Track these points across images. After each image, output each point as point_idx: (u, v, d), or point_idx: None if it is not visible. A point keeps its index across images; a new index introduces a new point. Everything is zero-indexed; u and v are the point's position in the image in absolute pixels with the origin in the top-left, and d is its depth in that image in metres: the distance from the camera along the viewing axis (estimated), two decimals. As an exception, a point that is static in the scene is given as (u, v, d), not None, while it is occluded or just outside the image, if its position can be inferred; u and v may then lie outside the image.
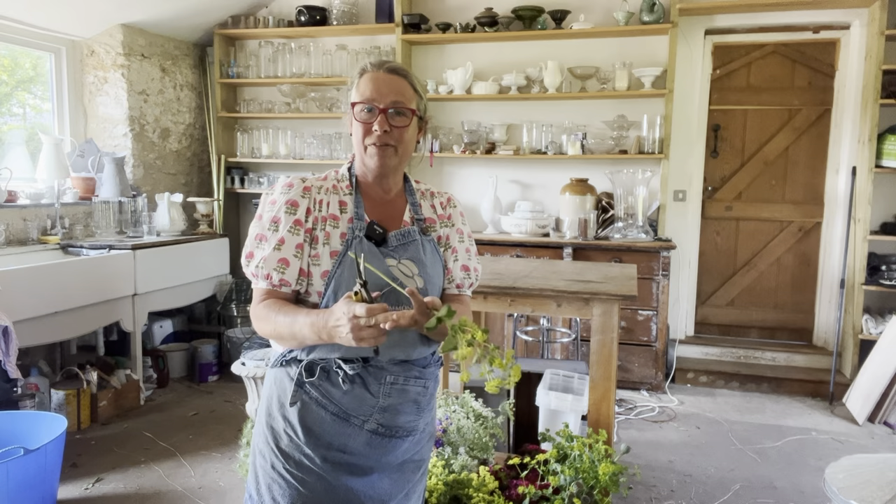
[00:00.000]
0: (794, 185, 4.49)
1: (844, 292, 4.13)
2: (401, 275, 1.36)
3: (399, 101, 1.36)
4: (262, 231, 1.35)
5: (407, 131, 1.38)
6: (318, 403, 1.34)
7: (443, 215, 1.50)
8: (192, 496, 2.80)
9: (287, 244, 1.33)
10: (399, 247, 1.39)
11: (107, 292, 3.56)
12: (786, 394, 4.19)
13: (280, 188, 1.38)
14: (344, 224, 1.37)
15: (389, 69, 1.38)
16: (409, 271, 1.38)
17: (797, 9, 4.17)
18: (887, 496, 1.95)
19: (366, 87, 1.36)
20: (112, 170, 4.12)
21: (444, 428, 2.50)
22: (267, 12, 5.01)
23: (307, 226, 1.34)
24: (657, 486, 2.94)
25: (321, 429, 1.34)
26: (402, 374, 1.37)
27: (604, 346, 2.46)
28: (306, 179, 1.39)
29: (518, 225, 4.36)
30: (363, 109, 1.36)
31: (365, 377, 1.34)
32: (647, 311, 4.10)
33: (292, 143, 5.02)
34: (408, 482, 1.46)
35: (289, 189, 1.37)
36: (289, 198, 1.35)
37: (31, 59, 4.28)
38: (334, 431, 1.34)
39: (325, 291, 1.32)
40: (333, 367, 1.34)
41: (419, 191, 1.51)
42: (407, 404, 1.39)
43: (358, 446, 1.36)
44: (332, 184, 1.41)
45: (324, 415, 1.34)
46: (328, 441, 1.35)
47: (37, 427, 2.76)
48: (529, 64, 4.53)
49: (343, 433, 1.35)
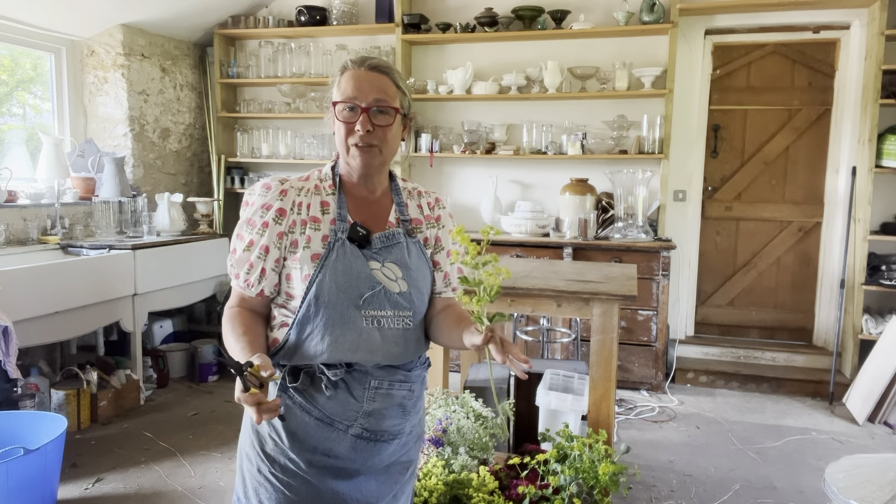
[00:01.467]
0: (794, 185, 4.49)
1: (844, 292, 4.13)
2: (384, 278, 1.33)
3: (382, 100, 1.31)
4: (239, 231, 1.36)
5: (390, 130, 1.34)
6: (301, 408, 1.33)
7: (430, 216, 1.46)
8: (192, 496, 2.80)
9: (255, 246, 1.32)
10: (383, 249, 1.35)
11: (107, 292, 3.56)
12: (786, 394, 4.19)
13: (258, 190, 1.36)
14: (326, 226, 1.33)
15: (371, 66, 1.33)
16: (393, 275, 1.35)
17: (797, 9, 4.17)
18: (887, 496, 1.95)
19: (347, 85, 1.32)
20: (112, 170, 4.12)
21: (444, 428, 2.50)
22: (267, 12, 5.01)
23: (280, 229, 1.32)
24: (657, 486, 2.94)
25: (305, 433, 1.33)
26: (387, 378, 1.35)
27: (604, 346, 2.46)
28: (285, 181, 1.36)
29: (518, 225, 4.36)
30: (345, 108, 1.32)
31: (349, 382, 1.32)
32: (647, 311, 4.10)
33: (292, 143, 5.02)
34: (395, 483, 1.44)
35: (266, 191, 1.34)
36: (264, 201, 1.33)
37: (31, 59, 4.28)
38: (319, 436, 1.33)
39: (306, 296, 1.30)
40: (317, 373, 1.32)
41: (406, 190, 1.46)
42: (392, 408, 1.37)
43: (343, 450, 1.34)
44: (314, 184, 1.38)
45: (307, 420, 1.33)
46: (313, 445, 1.33)
47: (37, 427, 2.76)
48: (529, 64, 4.53)
49: (327, 438, 1.33)
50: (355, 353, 1.30)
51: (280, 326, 1.35)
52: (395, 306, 1.34)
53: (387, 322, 1.33)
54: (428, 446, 2.45)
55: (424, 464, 2.38)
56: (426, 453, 2.44)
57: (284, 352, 1.33)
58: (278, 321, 1.36)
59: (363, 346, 1.31)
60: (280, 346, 1.33)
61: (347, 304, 1.30)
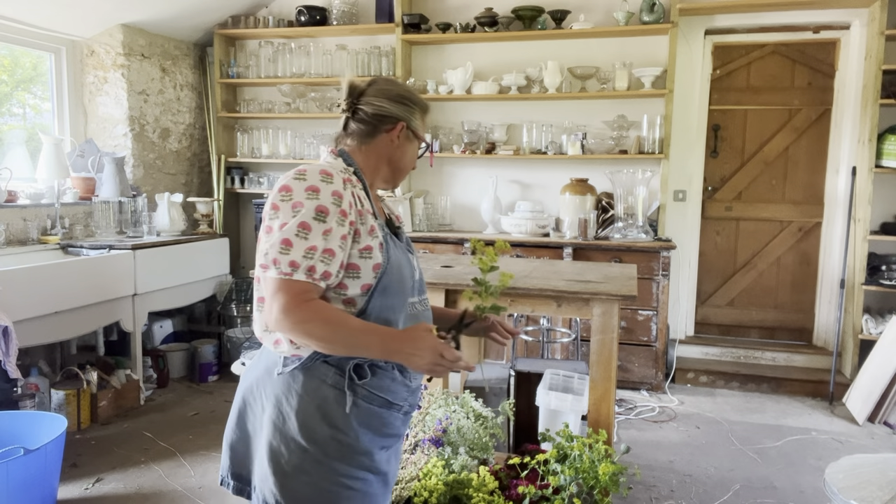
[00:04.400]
0: (794, 185, 4.50)
1: (844, 292, 4.13)
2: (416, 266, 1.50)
3: None
4: (305, 219, 1.25)
5: None
6: (366, 400, 1.36)
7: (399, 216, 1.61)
8: (192, 496, 2.80)
9: (333, 234, 1.27)
10: (408, 240, 1.52)
11: (107, 292, 3.56)
12: (786, 394, 4.20)
13: (317, 176, 1.30)
14: (370, 218, 1.38)
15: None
16: (416, 263, 1.51)
17: (797, 9, 4.17)
18: (887, 496, 1.95)
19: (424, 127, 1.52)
20: (112, 170, 4.12)
21: (444, 428, 2.50)
22: (267, 12, 5.01)
23: (351, 217, 1.31)
24: (657, 486, 2.94)
25: (374, 422, 1.38)
26: None
27: (604, 346, 2.46)
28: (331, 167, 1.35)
29: (518, 225, 4.36)
30: (421, 147, 1.53)
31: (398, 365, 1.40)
32: (647, 311, 4.10)
33: (292, 143, 5.02)
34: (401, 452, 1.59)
35: (329, 178, 1.30)
36: (334, 188, 1.29)
37: (31, 59, 4.28)
38: (381, 422, 1.39)
39: (376, 285, 1.33)
40: (379, 362, 1.36)
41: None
42: (420, 384, 1.51)
43: (398, 430, 1.45)
44: (346, 176, 1.37)
45: (374, 409, 1.37)
46: (382, 432, 1.40)
47: (37, 427, 2.76)
48: (529, 64, 4.53)
49: (388, 423, 1.41)
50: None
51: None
52: (423, 291, 1.52)
53: (422, 305, 1.49)
54: (428, 446, 2.45)
55: (424, 464, 2.38)
56: (426, 453, 2.44)
57: None
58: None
59: None
60: None
61: (405, 292, 1.42)
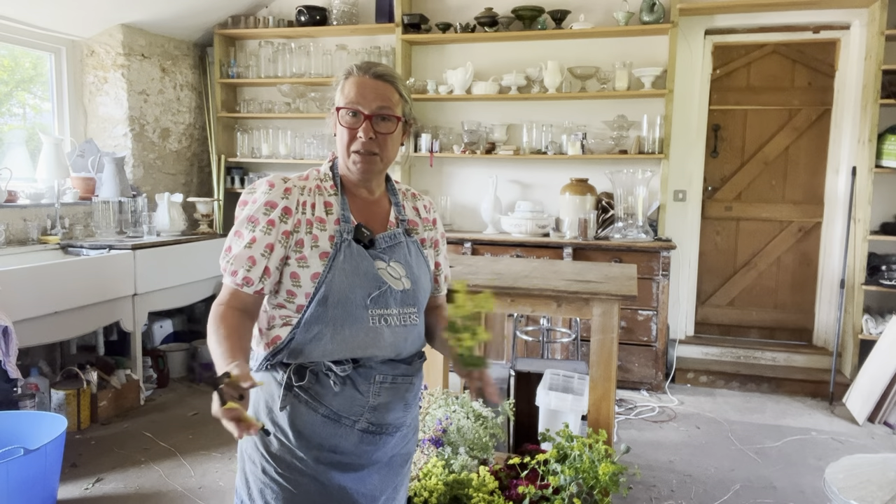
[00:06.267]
0: (794, 185, 4.49)
1: (844, 292, 4.13)
2: (390, 277, 1.37)
3: (385, 107, 1.34)
4: (238, 228, 1.34)
5: (391, 138, 1.37)
6: (307, 406, 1.34)
7: (427, 219, 1.52)
8: (192, 496, 2.80)
9: (258, 243, 1.31)
10: (387, 248, 1.40)
11: (107, 292, 3.56)
12: (786, 394, 4.19)
13: (261, 187, 1.36)
14: (331, 226, 1.35)
15: (376, 74, 1.35)
16: (398, 273, 1.38)
17: (797, 9, 4.17)
18: (887, 496, 1.95)
19: (351, 90, 1.34)
20: (112, 170, 4.12)
21: (444, 428, 2.50)
22: (267, 12, 5.01)
23: (285, 227, 1.32)
24: (657, 486, 2.94)
25: (312, 431, 1.34)
26: (391, 372, 1.38)
27: (604, 346, 2.46)
28: (288, 180, 1.37)
29: (518, 225, 4.36)
30: (348, 114, 1.34)
31: (355, 378, 1.34)
32: (647, 311, 4.10)
33: (292, 143, 5.02)
34: (396, 476, 1.48)
35: (270, 189, 1.34)
36: (268, 198, 1.33)
37: (31, 59, 4.28)
38: (325, 433, 1.34)
39: (315, 295, 1.31)
40: (323, 370, 1.33)
41: (401, 191, 1.51)
42: (395, 402, 1.40)
43: (349, 445, 1.36)
44: (314, 184, 1.39)
45: (314, 417, 1.34)
46: (319, 442, 1.35)
47: (37, 427, 2.76)
48: (529, 64, 4.53)
49: (334, 434, 1.35)
50: (365, 351, 1.33)
51: (282, 325, 1.35)
52: (400, 304, 1.38)
53: (393, 320, 1.36)
54: (428, 446, 2.45)
55: (424, 464, 2.38)
56: (426, 453, 2.44)
57: (289, 351, 1.34)
58: (278, 321, 1.36)
59: (372, 344, 1.34)
60: (283, 345, 1.34)
61: (356, 303, 1.32)
